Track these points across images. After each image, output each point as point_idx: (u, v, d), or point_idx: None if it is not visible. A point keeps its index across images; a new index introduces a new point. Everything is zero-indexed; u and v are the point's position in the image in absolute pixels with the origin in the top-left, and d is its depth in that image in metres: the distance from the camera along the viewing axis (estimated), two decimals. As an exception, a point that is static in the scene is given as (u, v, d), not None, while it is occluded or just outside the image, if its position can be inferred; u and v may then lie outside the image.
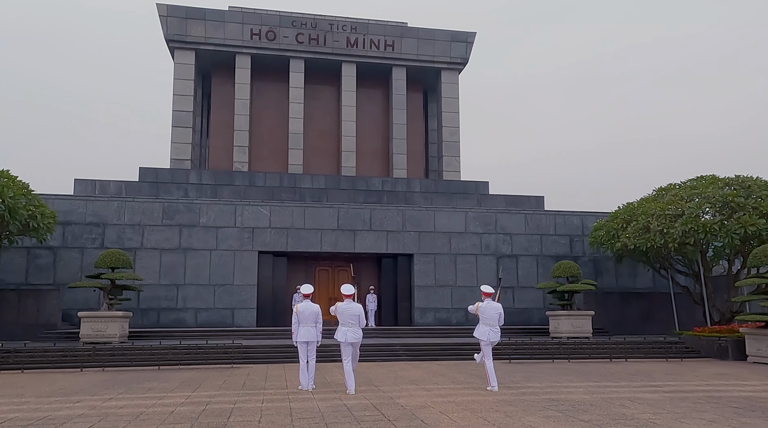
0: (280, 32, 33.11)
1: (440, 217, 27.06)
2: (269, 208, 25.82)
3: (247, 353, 18.12)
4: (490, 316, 11.88)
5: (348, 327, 11.27)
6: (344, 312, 11.31)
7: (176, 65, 32.45)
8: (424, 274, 26.44)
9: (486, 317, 11.90)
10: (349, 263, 27.48)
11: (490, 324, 11.90)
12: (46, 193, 23.85)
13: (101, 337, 19.37)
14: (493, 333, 11.87)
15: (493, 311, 11.90)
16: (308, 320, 11.65)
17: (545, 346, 19.74)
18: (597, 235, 25.62)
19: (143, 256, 24.41)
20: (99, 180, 28.21)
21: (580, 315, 22.62)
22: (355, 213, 26.47)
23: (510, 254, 27.37)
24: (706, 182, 23.25)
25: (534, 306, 27.04)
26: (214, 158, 33.64)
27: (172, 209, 25.05)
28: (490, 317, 11.88)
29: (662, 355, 19.61)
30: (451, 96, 34.88)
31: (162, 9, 32.18)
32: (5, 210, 18.45)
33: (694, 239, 21.57)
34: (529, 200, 31.27)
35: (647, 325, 26.10)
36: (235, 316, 24.71)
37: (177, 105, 32.04)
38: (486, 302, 11.98)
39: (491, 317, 11.88)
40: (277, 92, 34.42)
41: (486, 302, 11.98)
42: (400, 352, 19.17)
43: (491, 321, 11.89)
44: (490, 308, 11.91)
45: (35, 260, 23.70)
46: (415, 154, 35.57)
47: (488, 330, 11.89)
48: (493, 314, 11.88)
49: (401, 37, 34.26)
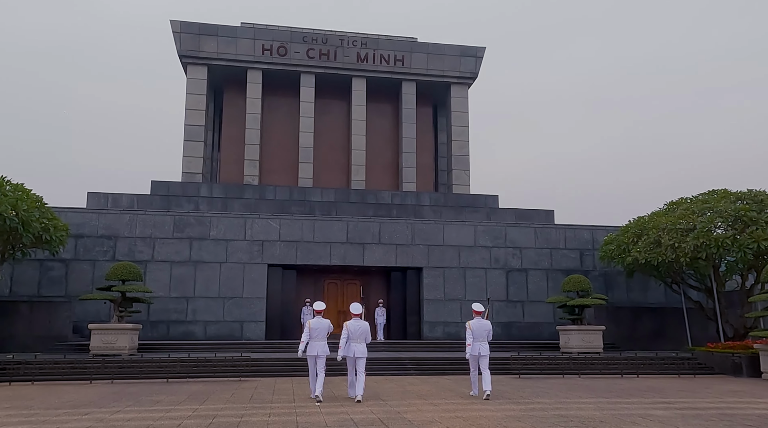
0: (291, 48, 33.49)
1: (449, 230, 27.02)
2: (279, 221, 25.94)
3: (256, 366, 18.12)
4: (479, 333, 12.85)
5: (356, 342, 12.19)
6: (352, 330, 12.21)
7: (189, 80, 32.89)
8: (433, 288, 26.36)
9: (477, 335, 12.83)
10: (359, 278, 27.53)
11: (480, 340, 12.86)
12: (60, 206, 24.15)
13: (111, 349, 19.46)
14: (482, 347, 12.83)
15: (483, 329, 12.92)
16: (320, 335, 12.34)
17: (555, 361, 19.55)
18: (607, 249, 25.44)
19: (154, 269, 24.58)
20: (111, 193, 28.53)
21: (591, 330, 22.40)
22: (365, 226, 26.52)
23: (519, 267, 27.22)
24: (717, 196, 23.06)
25: (544, 321, 26.82)
26: (225, 172, 33.92)
27: (182, 222, 25.25)
28: (480, 335, 12.85)
29: (674, 371, 19.34)
30: (461, 110, 35.00)
31: (176, 25, 32.71)
32: (19, 223, 18.70)
33: (706, 254, 21.35)
34: (538, 214, 31.16)
35: (659, 341, 25.77)
36: (244, 329, 24.74)
37: (189, 119, 32.41)
38: (476, 320, 12.98)
39: (481, 335, 12.87)
40: (287, 107, 34.74)
41: (476, 320, 12.98)
42: (409, 366, 19.06)
43: (481, 337, 12.87)
44: (480, 326, 12.90)
45: (48, 272, 23.94)
46: (424, 167, 35.65)
47: (478, 345, 12.82)
48: (482, 332, 12.89)
49: (411, 52, 34.52)
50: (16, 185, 19.91)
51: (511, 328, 26.57)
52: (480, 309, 13.16)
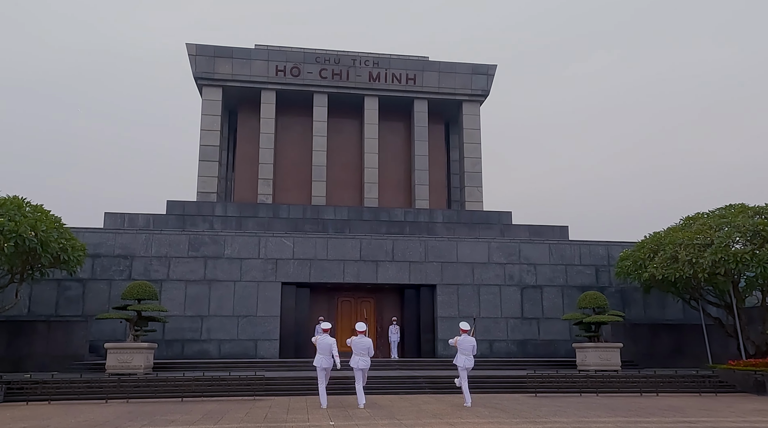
0: (305, 68, 33.96)
1: (463, 247, 26.94)
2: (292, 239, 26.06)
3: (270, 385, 18.09)
4: (465, 348, 14.89)
5: (360, 356, 14.21)
6: (357, 345, 14.22)
7: (204, 101, 33.44)
8: (447, 305, 26.21)
9: (463, 349, 14.88)
10: (372, 295, 27.50)
11: (466, 354, 14.88)
12: (78, 226, 24.51)
13: (126, 368, 19.56)
14: (468, 360, 14.88)
15: (468, 344, 14.92)
16: (324, 350, 14.24)
17: (572, 379, 19.27)
18: (623, 265, 25.16)
19: (169, 287, 24.76)
20: (128, 213, 28.89)
21: (608, 348, 22.08)
22: (378, 244, 26.54)
23: (534, 284, 27.01)
24: (735, 211, 22.77)
25: (560, 338, 26.49)
26: (239, 191, 34.24)
27: (197, 241, 25.48)
28: (465, 349, 14.89)
29: (695, 389, 18.96)
30: (473, 127, 35.12)
31: (191, 48, 33.37)
32: (38, 243, 19.00)
33: (724, 269, 21.04)
34: (552, 230, 30.97)
35: (678, 358, 25.32)
36: (258, 347, 24.74)
37: (204, 140, 32.87)
38: (463, 337, 14.97)
39: (466, 349, 14.89)
40: (301, 126, 35.12)
41: (463, 337, 14.97)
42: (423, 385, 18.91)
43: (466, 351, 14.89)
44: (465, 342, 14.92)
45: (65, 292, 24.22)
46: (437, 185, 35.70)
47: (464, 358, 14.90)
48: (468, 346, 14.91)
49: (422, 71, 34.82)
50: (36, 206, 20.29)
51: (526, 346, 26.29)
52: (466, 328, 15.16)
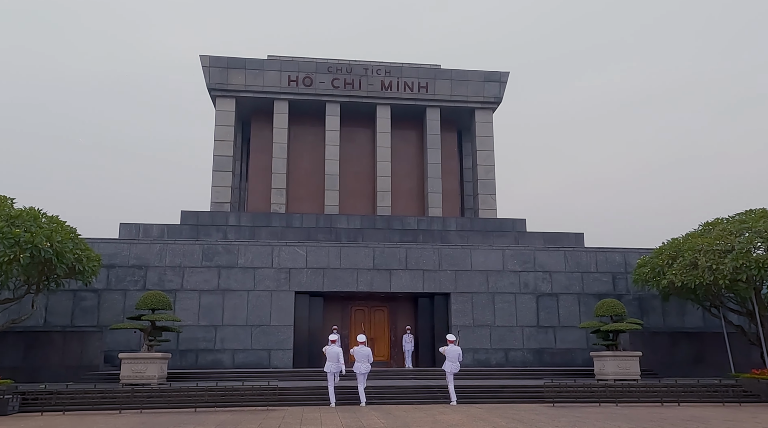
0: (317, 78, 34.08)
1: (477, 255, 26.68)
2: (305, 248, 26.00)
3: (283, 395, 17.95)
4: (452, 356, 17.95)
5: (361, 362, 17.78)
6: (358, 353, 17.92)
7: (217, 112, 33.66)
8: (462, 313, 25.93)
9: (450, 357, 17.93)
10: (386, 304, 27.35)
11: (452, 361, 17.89)
12: (93, 237, 24.69)
13: (140, 378, 19.55)
14: (454, 366, 17.88)
15: (454, 352, 18.02)
16: (332, 358, 17.84)
17: (591, 388, 18.90)
18: (641, 272, 24.73)
19: (183, 297, 24.80)
20: (143, 224, 29.06)
21: (627, 356, 21.65)
22: (391, 252, 26.38)
23: (550, 292, 26.64)
24: (755, 216, 22.30)
25: (577, 347, 26.06)
26: (252, 201, 34.34)
27: (211, 251, 25.52)
28: (452, 357, 17.94)
29: (718, 399, 18.49)
30: (486, 135, 34.94)
31: (205, 60, 33.67)
32: (53, 254, 19.13)
33: (746, 276, 20.58)
34: (568, 237, 30.59)
35: (699, 367, 24.76)
36: (272, 357, 24.64)
37: (218, 150, 33.05)
38: (450, 347, 18.19)
39: (453, 357, 17.96)
40: (313, 135, 35.19)
41: (450, 347, 18.19)
42: (438, 394, 18.65)
43: (453, 359, 17.92)
44: (452, 351, 18.02)
45: (80, 302, 24.35)
46: (450, 193, 35.50)
47: (451, 364, 17.85)
48: (454, 355, 17.99)
49: (435, 79, 34.76)
50: (52, 217, 20.45)
51: (542, 354, 25.89)
52: (453, 339, 18.53)
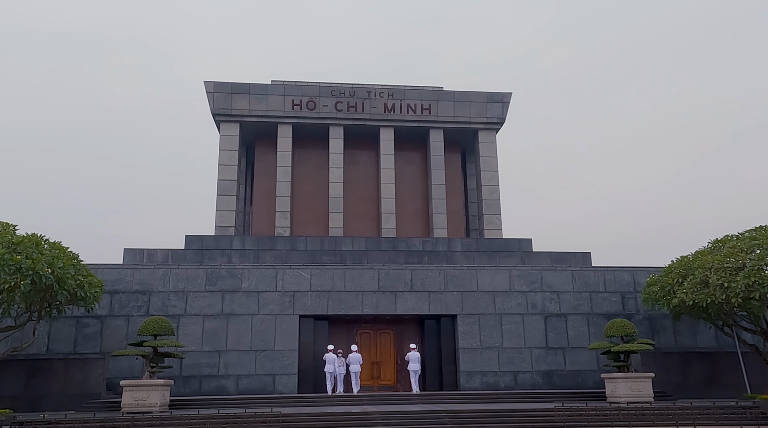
0: (320, 102, 34.29)
1: (483, 276, 26.36)
2: (310, 271, 25.78)
3: (287, 422, 17.57)
4: (414, 359, 24.34)
5: (353, 364, 24.20)
6: (351, 358, 24.22)
7: (222, 137, 33.84)
8: (469, 335, 25.51)
9: (412, 359, 24.30)
10: (392, 326, 27.04)
11: (414, 362, 24.34)
12: (96, 263, 24.60)
13: (142, 406, 19.23)
14: (416, 366, 24.34)
15: (415, 356, 24.40)
16: (330, 362, 23.90)
17: (603, 412, 18.41)
18: (651, 291, 24.29)
19: (186, 322, 24.55)
20: (147, 249, 29.00)
21: (639, 378, 21.14)
22: (396, 274, 26.11)
23: (558, 312, 26.20)
24: (766, 233, 21.94)
25: (587, 368, 25.50)
26: (257, 224, 34.26)
27: (215, 275, 25.34)
28: (413, 361, 24.30)
29: (735, 422, 17.96)
30: (489, 155, 34.89)
31: (209, 86, 33.98)
32: (54, 281, 19.00)
33: (759, 294, 20.17)
34: (575, 257, 30.24)
35: (713, 388, 24.13)
36: (276, 382, 24.24)
37: (222, 175, 33.13)
38: (412, 353, 24.50)
39: (414, 360, 24.31)
40: (317, 158, 35.26)
41: (412, 353, 24.50)
42: (446, 420, 18.20)
43: (414, 361, 24.35)
44: (413, 355, 24.42)
45: (83, 329, 24.14)
46: (454, 213, 35.33)
47: (414, 364, 24.30)
48: (415, 358, 24.36)
49: (437, 101, 34.88)
50: (54, 243, 20.42)
51: (552, 377, 25.34)
52: (413, 347, 24.74)
